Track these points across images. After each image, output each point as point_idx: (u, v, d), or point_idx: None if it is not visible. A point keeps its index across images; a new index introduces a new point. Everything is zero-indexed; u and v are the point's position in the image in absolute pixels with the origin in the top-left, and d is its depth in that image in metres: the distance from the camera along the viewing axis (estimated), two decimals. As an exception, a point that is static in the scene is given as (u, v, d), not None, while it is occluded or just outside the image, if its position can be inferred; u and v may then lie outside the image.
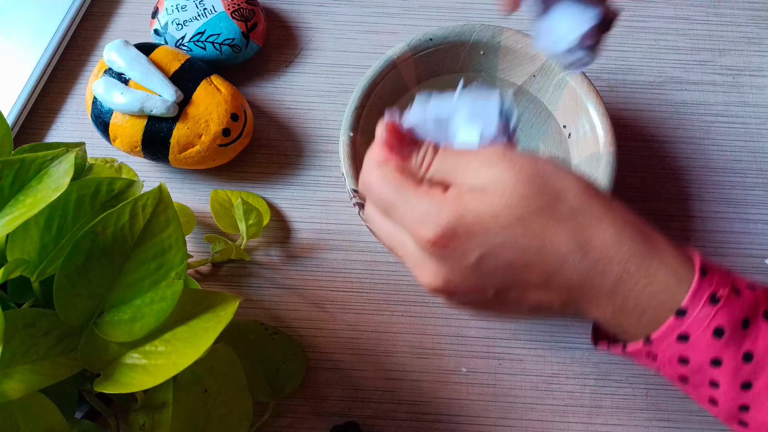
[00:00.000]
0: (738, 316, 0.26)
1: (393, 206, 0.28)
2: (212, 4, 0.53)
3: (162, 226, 0.31)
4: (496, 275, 0.27)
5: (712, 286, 0.26)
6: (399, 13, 0.59)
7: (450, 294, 0.28)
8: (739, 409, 0.27)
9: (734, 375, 0.26)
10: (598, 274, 0.27)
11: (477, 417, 0.45)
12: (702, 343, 0.26)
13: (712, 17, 0.58)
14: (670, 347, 0.27)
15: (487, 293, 0.28)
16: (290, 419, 0.45)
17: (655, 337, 0.27)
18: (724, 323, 0.26)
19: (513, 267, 0.27)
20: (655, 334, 0.27)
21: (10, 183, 0.29)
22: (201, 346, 0.30)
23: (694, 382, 0.28)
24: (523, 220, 0.27)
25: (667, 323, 0.26)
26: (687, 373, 0.28)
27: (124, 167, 0.48)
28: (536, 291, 0.28)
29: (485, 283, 0.28)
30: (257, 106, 0.55)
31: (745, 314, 0.26)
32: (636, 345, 0.28)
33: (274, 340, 0.46)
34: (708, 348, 0.26)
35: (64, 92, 0.56)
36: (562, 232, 0.27)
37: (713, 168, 0.53)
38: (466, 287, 0.28)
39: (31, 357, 0.29)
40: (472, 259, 0.27)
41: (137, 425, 0.33)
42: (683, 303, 0.26)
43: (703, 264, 0.27)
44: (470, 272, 0.27)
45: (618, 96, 0.55)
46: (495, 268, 0.27)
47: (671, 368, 0.28)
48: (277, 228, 0.51)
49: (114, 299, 0.31)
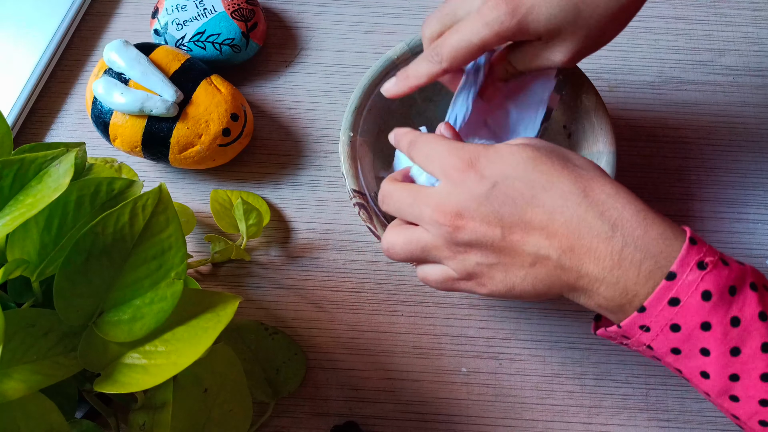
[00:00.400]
0: (725, 282, 0.28)
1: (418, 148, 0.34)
2: (212, 4, 0.53)
3: (162, 226, 0.31)
4: (505, 207, 0.30)
5: (701, 254, 0.28)
6: (399, 13, 0.59)
7: (464, 226, 0.31)
8: (729, 378, 0.28)
9: (723, 339, 0.28)
10: (597, 215, 0.29)
11: (477, 417, 0.45)
12: (692, 306, 0.28)
13: (712, 17, 0.58)
14: (663, 313, 0.28)
15: (495, 230, 0.30)
16: (290, 419, 0.45)
17: (648, 304, 0.28)
18: (712, 288, 0.27)
19: (521, 199, 0.30)
20: (648, 300, 0.28)
21: (10, 183, 0.29)
22: (201, 346, 0.30)
23: (686, 352, 0.29)
24: (534, 160, 0.31)
25: (659, 287, 0.28)
26: (679, 343, 0.29)
27: (124, 167, 0.48)
28: (538, 235, 0.30)
29: (494, 215, 0.30)
30: (257, 106, 0.55)
31: (732, 282, 0.28)
32: (631, 318, 0.29)
33: (274, 340, 0.46)
34: (698, 311, 0.28)
35: (64, 92, 0.56)
36: (566, 177, 0.30)
37: (713, 168, 0.53)
38: (477, 217, 0.30)
39: (31, 357, 0.29)
40: (486, 185, 0.31)
41: (137, 425, 0.33)
42: (673, 267, 0.28)
43: (692, 235, 0.29)
44: (484, 199, 0.30)
45: (618, 96, 0.55)
46: (505, 198, 0.30)
47: (664, 339, 0.29)
48: (277, 228, 0.51)
49: (114, 299, 0.31)
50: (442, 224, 0.31)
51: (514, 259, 0.31)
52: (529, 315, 0.48)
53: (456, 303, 0.48)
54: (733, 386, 0.28)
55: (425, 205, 0.32)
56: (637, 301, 0.29)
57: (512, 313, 0.48)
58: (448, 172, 0.32)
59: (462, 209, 0.31)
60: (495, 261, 0.31)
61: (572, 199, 0.30)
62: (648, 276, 0.28)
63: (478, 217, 0.30)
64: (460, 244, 0.31)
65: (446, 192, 0.32)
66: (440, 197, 0.32)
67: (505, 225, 0.30)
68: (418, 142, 0.35)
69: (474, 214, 0.31)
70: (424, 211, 0.32)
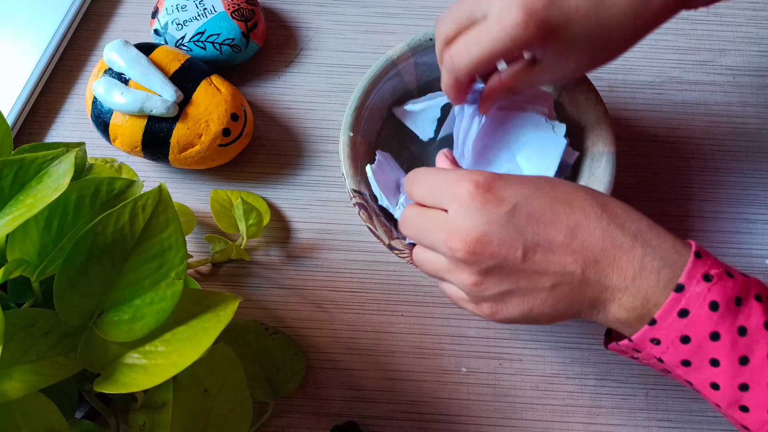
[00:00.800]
0: (731, 293, 0.28)
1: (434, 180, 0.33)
2: (212, 4, 0.53)
3: (162, 226, 0.31)
4: (528, 228, 0.30)
5: (706, 267, 0.29)
6: (399, 13, 0.59)
7: (482, 252, 0.30)
8: (739, 388, 0.28)
9: (732, 348, 0.28)
10: (618, 228, 0.30)
11: (477, 417, 0.45)
12: (700, 317, 0.28)
13: (712, 17, 0.58)
14: (673, 325, 0.28)
15: (516, 252, 0.30)
16: (290, 419, 0.45)
17: (659, 316, 0.29)
18: (719, 298, 0.28)
19: (544, 217, 0.30)
20: (659, 313, 0.28)
21: (10, 183, 0.29)
22: (201, 346, 0.30)
23: (696, 364, 0.29)
24: (550, 181, 0.32)
25: (668, 300, 0.28)
26: (689, 355, 0.29)
27: (124, 167, 0.48)
28: (562, 252, 0.30)
29: (515, 237, 0.30)
30: (257, 106, 0.55)
31: (737, 293, 0.28)
32: (642, 331, 0.29)
33: (274, 340, 0.46)
34: (706, 321, 0.28)
35: (64, 92, 0.56)
36: (583, 193, 0.31)
37: (713, 168, 0.53)
38: (499, 239, 0.30)
39: (31, 357, 0.29)
40: (507, 207, 0.30)
41: (137, 425, 0.33)
42: (681, 279, 0.28)
43: (697, 248, 0.29)
44: (505, 221, 0.30)
45: (618, 96, 0.55)
46: (528, 218, 0.30)
47: (675, 351, 0.29)
48: (277, 228, 0.51)
49: (114, 299, 0.31)
50: (457, 250, 0.30)
51: (534, 282, 0.30)
52: (529, 315, 0.48)
53: (456, 303, 0.48)
54: (742, 396, 0.28)
55: (439, 233, 0.31)
56: (655, 311, 0.29)
57: (512, 313, 0.48)
58: (462, 197, 0.31)
59: (481, 234, 0.30)
60: (513, 287, 0.31)
61: (593, 214, 0.30)
62: (666, 284, 0.29)
63: (497, 240, 0.30)
64: (476, 271, 0.31)
65: (461, 218, 0.31)
66: (454, 224, 0.31)
67: (528, 245, 0.30)
68: (417, 179, 0.34)
69: (493, 238, 0.30)
70: (438, 239, 0.31)
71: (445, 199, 0.32)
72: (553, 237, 0.30)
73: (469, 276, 0.31)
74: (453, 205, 0.31)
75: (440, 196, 0.32)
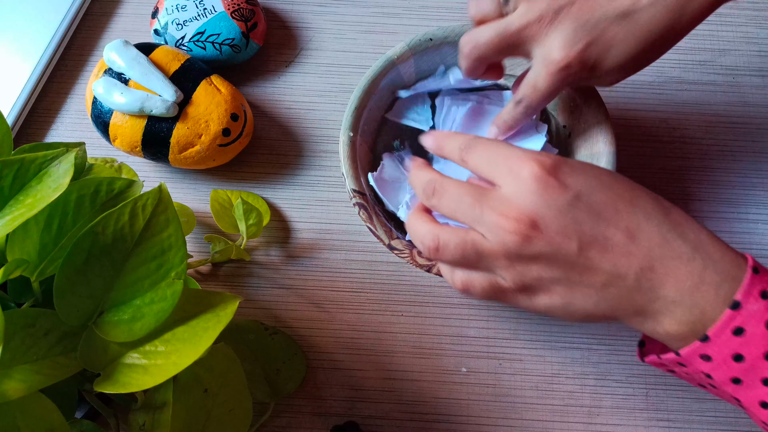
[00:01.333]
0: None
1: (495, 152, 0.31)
2: (212, 4, 0.53)
3: (162, 226, 0.31)
4: (587, 221, 0.28)
5: (764, 283, 0.27)
6: (399, 13, 0.59)
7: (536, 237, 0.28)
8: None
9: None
10: (678, 236, 0.28)
11: (477, 417, 0.45)
12: (756, 336, 0.27)
13: (712, 17, 0.58)
14: (727, 343, 0.27)
15: (571, 245, 0.28)
16: (290, 419, 0.45)
17: (712, 333, 0.27)
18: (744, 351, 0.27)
19: (605, 213, 0.29)
20: (712, 330, 0.27)
21: (10, 183, 0.29)
22: (201, 346, 0.30)
23: (747, 382, 0.28)
24: (616, 175, 0.30)
25: (723, 316, 0.27)
26: (741, 373, 0.28)
27: (124, 167, 0.48)
28: (618, 252, 0.28)
29: (573, 228, 0.28)
30: (257, 106, 0.55)
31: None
32: (692, 347, 0.28)
33: (274, 340, 0.46)
34: (762, 341, 0.27)
35: (64, 92, 0.56)
36: (647, 195, 0.30)
37: (713, 168, 0.53)
38: (555, 228, 0.28)
39: (31, 357, 0.29)
40: (570, 196, 0.28)
41: (137, 425, 0.33)
42: (737, 296, 0.27)
43: (754, 263, 0.28)
44: (565, 210, 0.28)
45: (618, 96, 0.55)
46: (589, 211, 0.28)
47: (726, 368, 0.28)
48: (277, 228, 0.51)
49: (114, 299, 0.31)
50: (510, 232, 0.28)
51: (584, 276, 0.29)
52: (529, 315, 0.48)
53: (456, 303, 0.48)
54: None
55: (490, 209, 0.29)
56: (708, 326, 0.28)
57: (512, 313, 0.48)
58: (523, 176, 0.29)
59: (538, 218, 0.28)
60: (561, 276, 0.29)
61: (655, 218, 0.29)
62: (724, 300, 0.27)
63: (554, 228, 0.28)
64: (524, 255, 0.29)
65: (519, 196, 0.29)
66: (511, 202, 0.29)
67: (584, 240, 0.28)
68: (478, 146, 0.32)
69: (550, 224, 0.28)
70: (487, 215, 0.29)
71: (502, 173, 0.30)
72: (612, 235, 0.28)
73: (517, 257, 0.29)
74: (511, 182, 0.29)
75: (497, 169, 0.30)
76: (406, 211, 0.46)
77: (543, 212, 0.28)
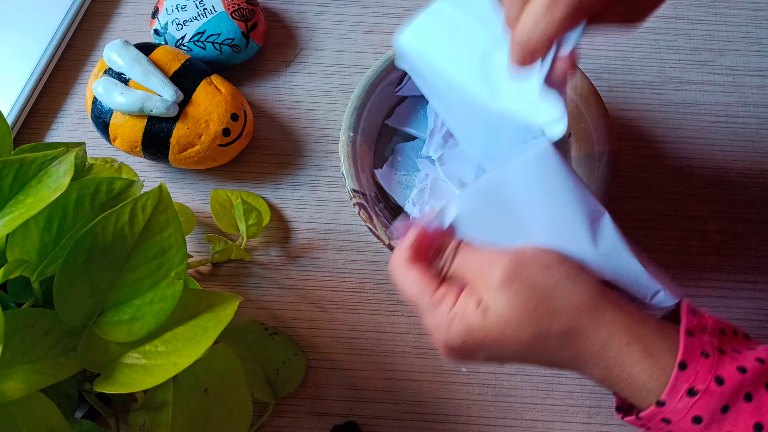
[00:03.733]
0: (716, 405, 0.28)
1: (417, 306, 0.32)
2: (212, 4, 0.53)
3: (162, 226, 0.31)
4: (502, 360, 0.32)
5: (690, 381, 0.28)
6: (399, 13, 0.59)
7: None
8: None
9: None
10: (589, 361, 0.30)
11: (477, 417, 0.45)
12: (683, 427, 0.28)
13: (712, 17, 0.58)
14: (659, 427, 0.29)
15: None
16: (290, 419, 0.45)
17: (643, 416, 0.29)
18: (702, 413, 0.28)
19: (516, 359, 0.31)
20: (644, 414, 0.29)
21: (10, 183, 0.29)
22: (201, 346, 0.30)
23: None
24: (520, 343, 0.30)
25: (650, 409, 0.28)
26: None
27: (124, 167, 0.48)
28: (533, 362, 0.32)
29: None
30: (257, 106, 0.55)
31: (725, 402, 0.28)
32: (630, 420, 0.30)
33: (274, 340, 0.46)
34: (689, 430, 0.28)
35: (64, 92, 0.56)
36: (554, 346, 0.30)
37: (713, 168, 0.53)
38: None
39: (31, 357, 0.29)
40: (479, 359, 0.31)
41: (137, 425, 0.33)
42: (662, 396, 0.28)
43: (684, 357, 0.28)
44: (477, 362, 0.33)
45: (618, 96, 0.55)
46: (499, 361, 0.32)
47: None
48: (277, 228, 0.51)
49: (114, 299, 0.31)
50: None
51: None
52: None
53: (456, 303, 0.48)
54: None
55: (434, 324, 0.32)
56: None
57: (512, 313, 0.48)
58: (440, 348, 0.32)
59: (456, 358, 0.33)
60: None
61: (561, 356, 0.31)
62: (643, 393, 0.29)
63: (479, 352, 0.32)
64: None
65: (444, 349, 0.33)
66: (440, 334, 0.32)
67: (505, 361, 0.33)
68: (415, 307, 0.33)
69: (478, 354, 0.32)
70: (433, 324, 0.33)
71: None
72: (527, 361, 0.31)
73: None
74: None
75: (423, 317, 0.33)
76: (411, 207, 0.47)
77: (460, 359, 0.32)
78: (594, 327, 0.30)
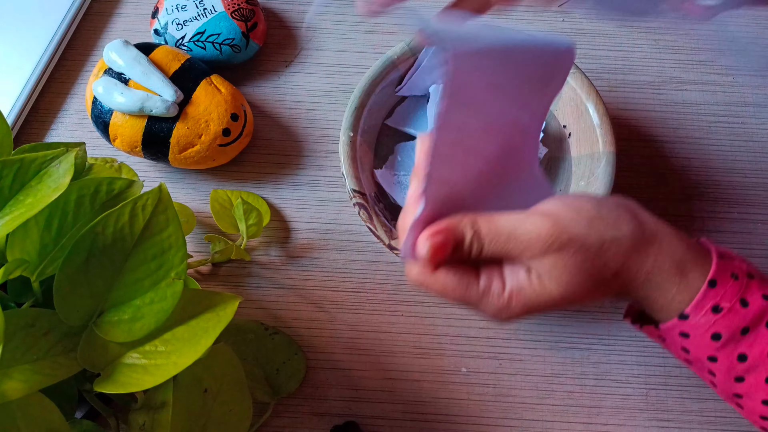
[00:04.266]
0: (738, 324, 0.29)
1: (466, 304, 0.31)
2: (212, 4, 0.53)
3: (162, 226, 0.31)
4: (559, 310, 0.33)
5: (717, 299, 0.29)
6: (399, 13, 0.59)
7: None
8: (733, 395, 0.31)
9: (728, 371, 0.30)
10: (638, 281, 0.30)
11: (477, 417, 0.45)
12: (700, 343, 0.29)
13: (712, 17, 0.58)
14: (674, 340, 0.31)
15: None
16: (290, 419, 0.45)
17: (664, 328, 0.31)
18: (723, 330, 0.29)
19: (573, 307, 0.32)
20: (663, 325, 0.30)
21: (10, 183, 0.29)
22: (201, 346, 0.30)
23: (696, 366, 0.32)
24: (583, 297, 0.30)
25: (671, 322, 0.30)
26: (689, 359, 0.31)
27: (124, 167, 0.48)
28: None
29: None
30: (257, 106, 0.55)
31: (747, 324, 0.29)
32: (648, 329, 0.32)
33: (274, 340, 0.46)
34: (705, 347, 0.30)
35: (64, 92, 0.56)
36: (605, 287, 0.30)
37: (713, 168, 0.53)
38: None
39: (31, 357, 0.29)
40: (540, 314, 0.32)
41: (137, 425, 0.33)
42: (686, 309, 0.29)
43: (715, 275, 0.29)
44: None
45: (618, 96, 0.55)
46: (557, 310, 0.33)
47: (676, 352, 0.32)
48: (277, 228, 0.51)
49: (114, 299, 0.31)
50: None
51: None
52: (529, 315, 0.48)
53: (456, 303, 0.48)
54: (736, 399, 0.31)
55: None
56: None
57: (512, 313, 0.48)
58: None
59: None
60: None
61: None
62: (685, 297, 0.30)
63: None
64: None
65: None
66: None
67: None
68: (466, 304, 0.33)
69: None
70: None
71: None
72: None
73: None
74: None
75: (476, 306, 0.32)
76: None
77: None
78: (641, 262, 0.31)
